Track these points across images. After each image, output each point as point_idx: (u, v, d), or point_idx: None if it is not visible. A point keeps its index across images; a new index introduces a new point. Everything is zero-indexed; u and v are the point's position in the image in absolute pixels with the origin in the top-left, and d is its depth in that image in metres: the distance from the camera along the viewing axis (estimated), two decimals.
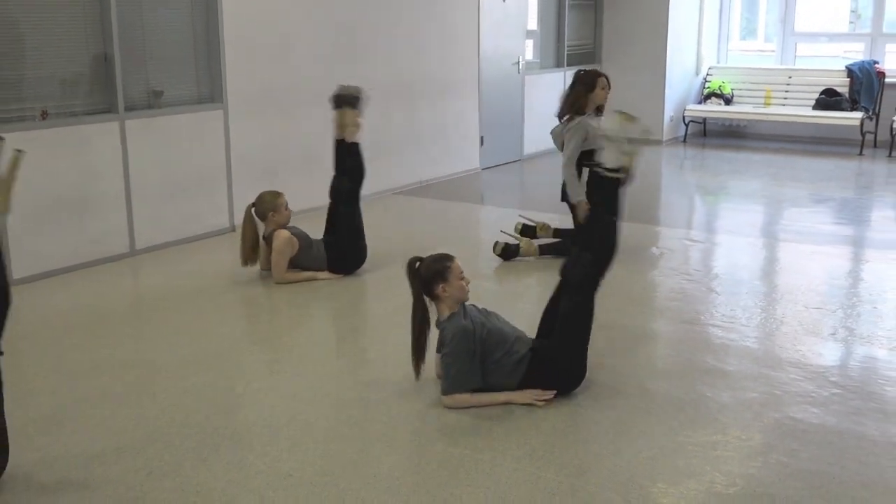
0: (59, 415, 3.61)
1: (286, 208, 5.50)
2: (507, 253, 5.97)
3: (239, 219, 6.61)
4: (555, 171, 5.85)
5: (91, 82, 5.90)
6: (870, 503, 2.93)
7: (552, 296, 3.94)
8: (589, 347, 3.77)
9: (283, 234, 5.40)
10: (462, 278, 3.83)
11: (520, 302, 5.12)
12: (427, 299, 3.77)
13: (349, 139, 5.61)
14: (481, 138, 9.38)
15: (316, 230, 5.63)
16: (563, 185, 5.94)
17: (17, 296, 5.03)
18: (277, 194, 5.52)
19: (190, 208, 6.47)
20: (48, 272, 5.56)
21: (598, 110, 5.97)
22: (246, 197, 6.47)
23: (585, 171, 5.78)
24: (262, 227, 5.47)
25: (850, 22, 11.57)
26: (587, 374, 3.77)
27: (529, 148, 10.22)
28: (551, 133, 6.25)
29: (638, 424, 3.52)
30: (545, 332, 3.91)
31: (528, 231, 6.24)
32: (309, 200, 6.46)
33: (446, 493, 3.00)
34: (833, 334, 4.52)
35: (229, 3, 6.52)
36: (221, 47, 6.54)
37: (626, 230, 6.15)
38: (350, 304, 5.25)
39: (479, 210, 7.70)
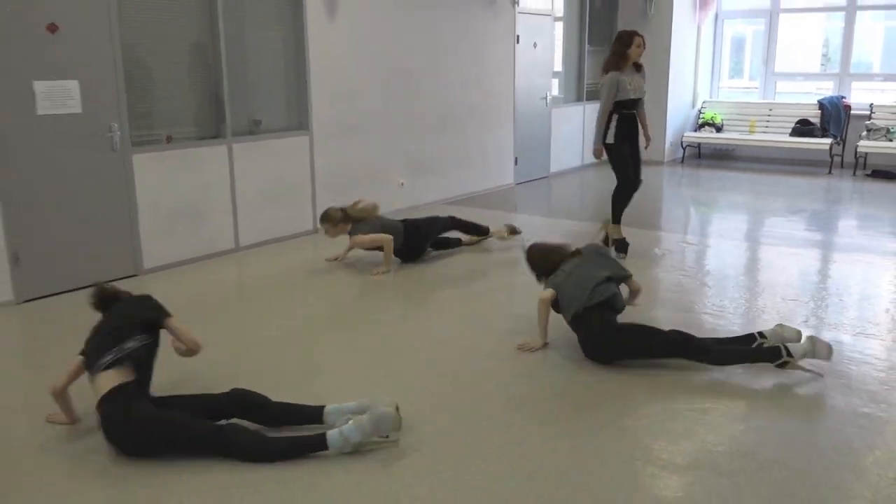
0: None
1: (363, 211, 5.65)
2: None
3: (321, 223, 6.69)
4: (576, 186, 5.88)
5: (205, 114, 5.99)
6: (836, 463, 2.89)
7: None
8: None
9: (359, 238, 5.52)
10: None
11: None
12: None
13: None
14: (515, 158, 9.36)
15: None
16: (604, 133, 5.90)
17: (151, 283, 5.21)
18: (339, 211, 5.59)
19: (282, 214, 6.54)
20: (172, 264, 5.67)
21: (637, 67, 5.89)
22: (327, 205, 6.55)
23: (615, 116, 5.77)
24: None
25: (822, 64, 11.39)
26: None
27: (555, 166, 10.16)
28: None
29: (641, 394, 3.50)
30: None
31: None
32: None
33: (478, 457, 3.01)
34: (805, 321, 4.44)
35: (315, 52, 6.59)
36: (308, 86, 6.60)
37: (634, 235, 6.16)
38: (414, 291, 5.28)
39: (513, 217, 7.70)
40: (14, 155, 4.76)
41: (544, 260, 4.19)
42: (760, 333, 3.88)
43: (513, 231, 6.37)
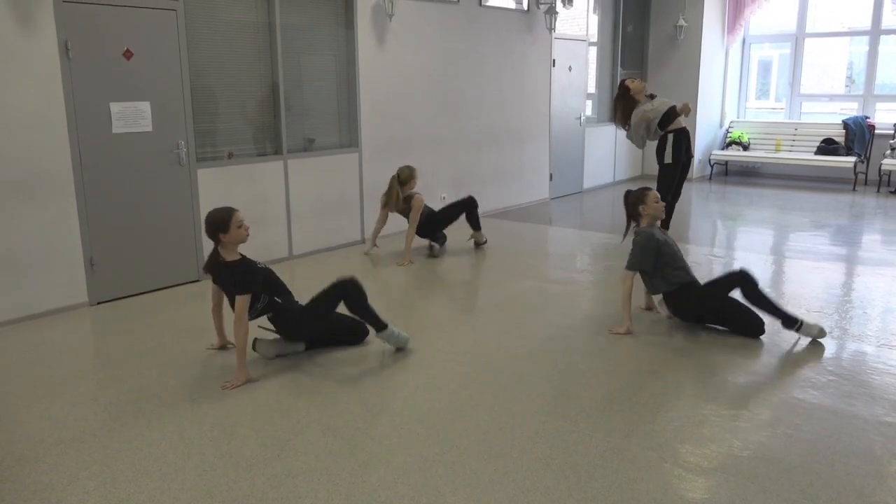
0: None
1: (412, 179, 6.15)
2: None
3: (368, 233, 6.76)
4: (608, 201, 5.84)
5: (264, 132, 6.09)
6: (859, 469, 2.80)
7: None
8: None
9: (420, 197, 6.11)
10: (657, 201, 4.34)
11: (582, 302, 5.06)
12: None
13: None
14: (550, 175, 9.31)
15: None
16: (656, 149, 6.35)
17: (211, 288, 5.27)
18: (413, 169, 6.15)
19: (332, 225, 6.61)
20: None
21: (650, 96, 6.13)
22: (374, 218, 6.61)
23: (670, 136, 6.01)
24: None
25: (846, 86, 11.12)
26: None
27: (588, 183, 10.09)
28: (628, 138, 6.58)
29: (671, 399, 3.44)
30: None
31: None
32: None
33: (516, 448, 2.99)
34: (830, 332, 4.32)
35: (365, 75, 6.66)
36: (358, 107, 6.67)
37: None
38: (461, 289, 5.29)
39: (548, 229, 7.66)
40: (92, 170, 4.90)
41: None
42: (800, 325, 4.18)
43: (483, 243, 6.55)
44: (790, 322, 4.15)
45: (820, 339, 4.15)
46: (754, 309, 4.20)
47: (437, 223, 6.37)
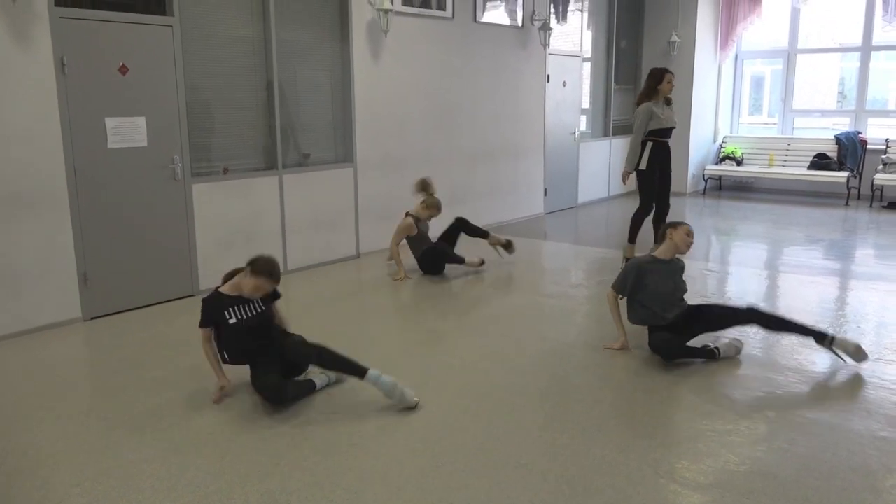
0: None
1: (426, 207, 6.15)
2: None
3: (364, 249, 6.76)
4: (603, 216, 5.90)
5: (259, 147, 6.10)
6: (855, 484, 2.80)
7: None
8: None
9: (406, 221, 6.08)
10: (689, 235, 4.23)
11: (577, 316, 5.07)
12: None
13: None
14: (545, 190, 9.34)
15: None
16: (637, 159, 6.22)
17: None
18: (427, 184, 6.22)
19: (327, 240, 6.61)
20: None
21: (667, 101, 6.12)
22: (369, 232, 6.62)
23: (649, 144, 5.95)
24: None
25: (838, 101, 11.22)
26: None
27: (582, 198, 10.12)
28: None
29: (666, 414, 3.44)
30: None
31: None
32: None
33: (512, 462, 2.98)
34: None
35: (360, 91, 6.69)
36: (353, 122, 6.69)
37: None
38: (457, 305, 5.29)
39: (542, 244, 7.67)
40: (86, 184, 4.90)
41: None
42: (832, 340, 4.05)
43: (508, 245, 6.46)
44: (821, 338, 4.02)
45: (857, 361, 3.97)
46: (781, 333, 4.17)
47: (437, 257, 6.15)
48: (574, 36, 9.62)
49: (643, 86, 6.24)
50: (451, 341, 4.58)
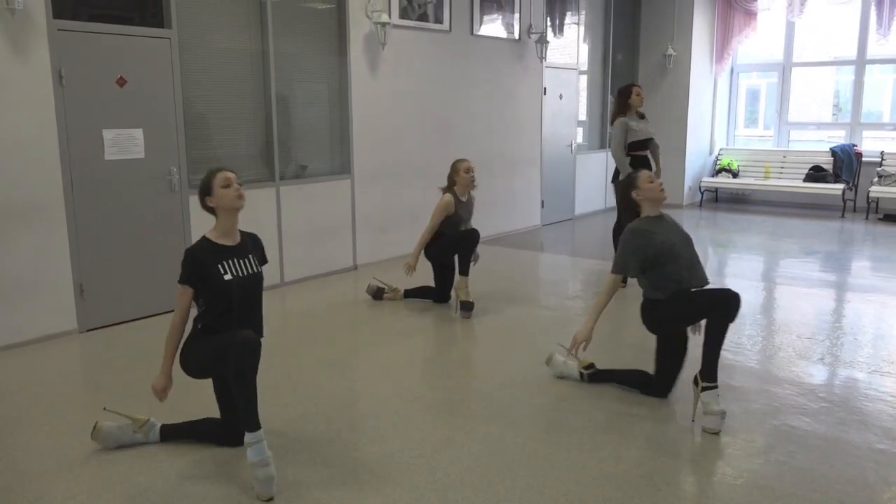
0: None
1: (466, 171, 5.54)
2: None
3: (361, 260, 6.75)
4: (599, 228, 5.89)
5: (256, 159, 6.11)
6: (852, 496, 2.79)
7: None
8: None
9: (446, 197, 5.48)
10: (651, 181, 3.53)
11: (574, 328, 5.06)
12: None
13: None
14: (542, 201, 9.37)
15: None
16: (615, 172, 6.17)
17: None
18: (462, 161, 5.57)
19: (324, 251, 6.61)
20: None
21: (640, 115, 6.17)
22: (366, 244, 6.60)
23: (627, 158, 6.04)
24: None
25: (833, 114, 11.29)
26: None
27: (579, 209, 10.15)
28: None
29: (662, 425, 3.44)
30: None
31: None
32: (410, 247, 6.49)
33: (510, 478, 2.97)
34: (821, 359, 4.35)
35: (357, 103, 6.71)
36: (351, 134, 6.71)
37: None
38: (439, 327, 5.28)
39: (539, 255, 7.69)
40: (83, 196, 4.90)
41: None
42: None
43: (467, 307, 5.29)
44: (706, 377, 3.36)
45: (710, 427, 3.33)
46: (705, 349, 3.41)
47: (468, 242, 5.49)
48: (570, 49, 9.68)
49: (614, 105, 6.39)
50: (447, 353, 4.56)
